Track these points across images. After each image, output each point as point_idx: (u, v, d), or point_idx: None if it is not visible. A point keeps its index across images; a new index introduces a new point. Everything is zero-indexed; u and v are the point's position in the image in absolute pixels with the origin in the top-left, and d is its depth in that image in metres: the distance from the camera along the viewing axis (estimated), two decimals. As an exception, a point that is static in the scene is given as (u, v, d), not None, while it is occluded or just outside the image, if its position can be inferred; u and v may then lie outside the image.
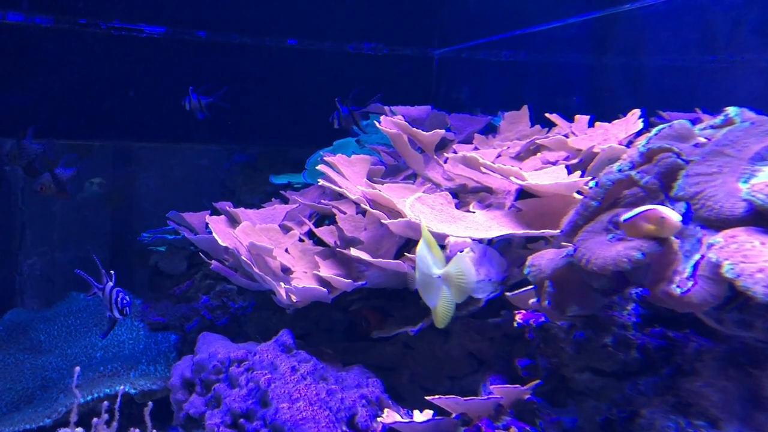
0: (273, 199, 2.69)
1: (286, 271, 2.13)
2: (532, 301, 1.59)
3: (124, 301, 1.85)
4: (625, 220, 1.20)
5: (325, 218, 2.41)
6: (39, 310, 3.20)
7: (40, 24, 2.99)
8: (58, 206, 3.76)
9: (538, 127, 2.36)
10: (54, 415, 2.19)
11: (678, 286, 1.14)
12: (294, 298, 2.00)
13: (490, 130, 2.56)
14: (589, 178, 1.75)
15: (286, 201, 2.59)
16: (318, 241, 2.24)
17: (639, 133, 1.93)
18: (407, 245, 2.02)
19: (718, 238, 1.14)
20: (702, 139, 1.43)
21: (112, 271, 1.94)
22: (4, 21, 2.92)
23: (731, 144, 1.27)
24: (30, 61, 3.02)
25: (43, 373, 2.58)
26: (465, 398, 1.57)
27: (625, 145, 1.88)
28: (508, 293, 1.74)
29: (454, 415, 1.62)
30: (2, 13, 2.91)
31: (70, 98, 3.13)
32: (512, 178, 1.81)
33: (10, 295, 3.60)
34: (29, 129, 2.61)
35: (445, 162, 2.17)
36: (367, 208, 1.99)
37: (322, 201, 2.36)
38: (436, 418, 1.64)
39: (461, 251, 1.80)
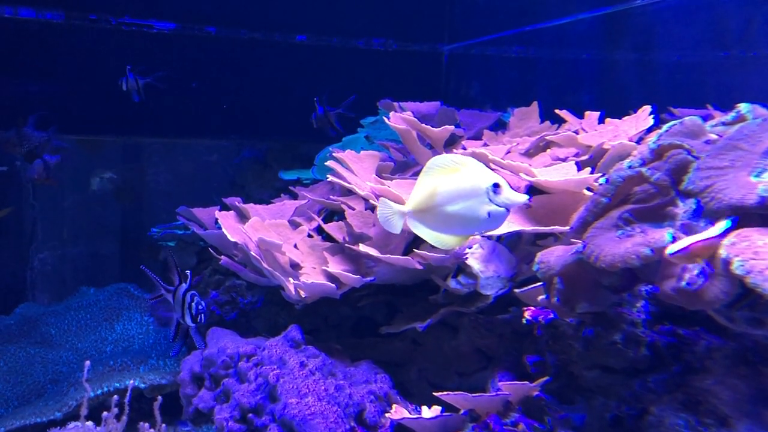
0: (282, 194, 2.70)
1: (295, 266, 2.14)
2: (541, 297, 1.59)
3: (200, 307, 1.61)
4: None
5: (334, 214, 2.41)
6: (50, 304, 3.22)
7: (51, 20, 3.00)
8: (69, 201, 3.78)
9: (547, 123, 2.35)
10: (64, 408, 2.20)
11: (688, 283, 1.13)
12: (303, 294, 2.00)
13: (499, 127, 2.55)
14: (599, 174, 1.75)
15: (295, 197, 2.59)
16: (327, 237, 2.25)
17: (649, 130, 1.92)
18: (415, 241, 2.02)
19: (731, 237, 1.13)
20: (713, 136, 1.42)
21: (188, 271, 1.72)
22: (15, 16, 2.94)
23: (744, 138, 1.26)
24: (41, 57, 3.04)
25: (54, 366, 2.60)
26: (473, 394, 1.57)
27: (636, 142, 1.87)
28: (516, 290, 1.74)
29: (462, 411, 1.62)
30: (14, 9, 2.93)
31: (81, 94, 3.15)
32: (522, 174, 1.80)
33: (21, 290, 3.63)
34: (30, 117, 2.60)
35: (455, 158, 2.17)
36: (376, 204, 1.99)
37: (331, 197, 2.36)
38: (444, 414, 1.63)
39: (470, 247, 1.80)
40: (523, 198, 1.29)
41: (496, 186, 1.26)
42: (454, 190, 1.29)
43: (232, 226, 2.27)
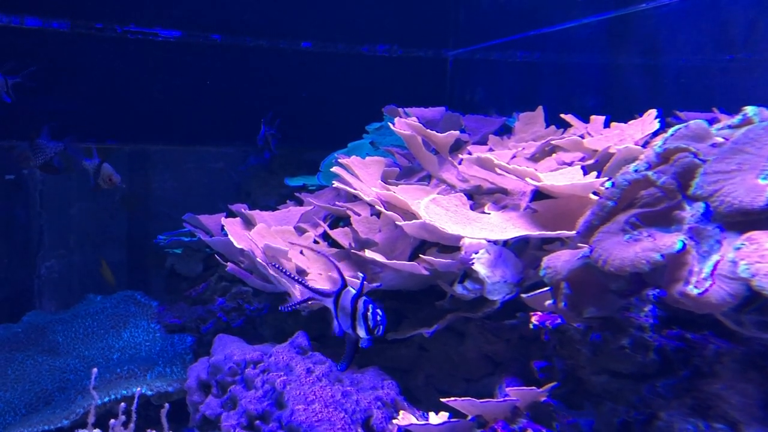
0: (288, 201, 2.70)
1: (301, 272, 2.14)
2: (548, 302, 1.58)
3: (379, 317, 1.33)
4: None
5: (339, 220, 2.41)
6: (57, 312, 3.23)
7: (57, 28, 3.02)
8: (75, 209, 3.79)
9: (553, 127, 2.34)
10: (72, 416, 2.21)
11: (695, 287, 1.13)
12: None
13: (504, 131, 2.55)
14: (606, 178, 1.74)
15: (300, 203, 2.59)
16: (333, 243, 2.25)
17: (655, 134, 1.91)
18: (422, 247, 2.02)
19: (741, 240, 1.12)
20: (719, 139, 1.42)
21: (361, 274, 1.49)
22: (22, 26, 2.95)
23: (751, 142, 1.25)
24: (46, 66, 3.05)
25: (61, 374, 2.60)
26: (481, 400, 1.56)
27: (642, 146, 1.86)
28: (523, 295, 1.73)
29: (469, 418, 1.61)
30: (20, 18, 2.94)
31: (86, 102, 3.16)
32: (527, 179, 1.80)
33: (28, 298, 3.64)
34: (44, 127, 2.59)
35: (460, 163, 2.17)
36: (382, 209, 1.99)
37: (337, 203, 2.37)
38: (451, 420, 1.63)
39: (476, 252, 1.80)
40: None
41: None
42: None
43: (239, 233, 2.28)
